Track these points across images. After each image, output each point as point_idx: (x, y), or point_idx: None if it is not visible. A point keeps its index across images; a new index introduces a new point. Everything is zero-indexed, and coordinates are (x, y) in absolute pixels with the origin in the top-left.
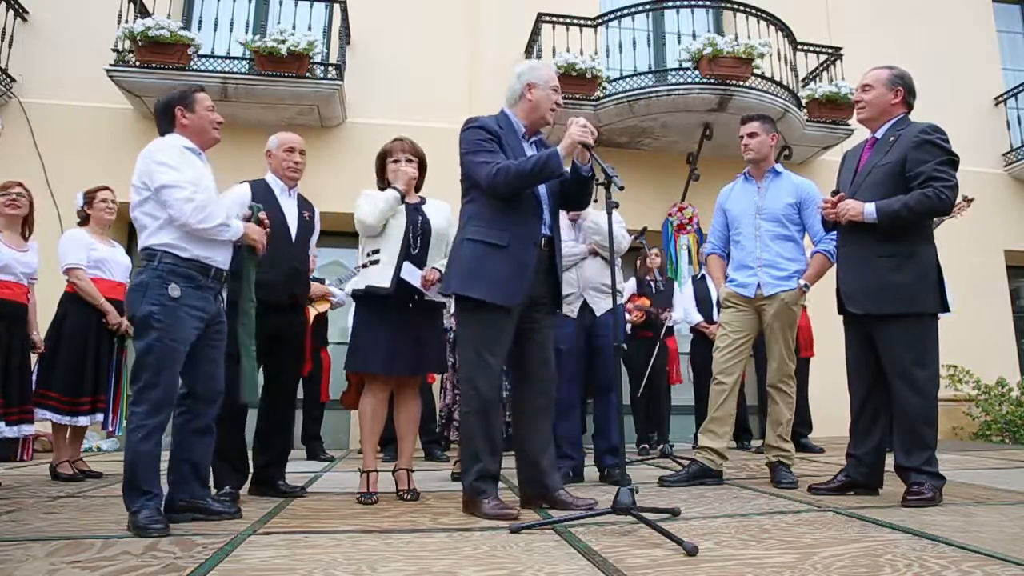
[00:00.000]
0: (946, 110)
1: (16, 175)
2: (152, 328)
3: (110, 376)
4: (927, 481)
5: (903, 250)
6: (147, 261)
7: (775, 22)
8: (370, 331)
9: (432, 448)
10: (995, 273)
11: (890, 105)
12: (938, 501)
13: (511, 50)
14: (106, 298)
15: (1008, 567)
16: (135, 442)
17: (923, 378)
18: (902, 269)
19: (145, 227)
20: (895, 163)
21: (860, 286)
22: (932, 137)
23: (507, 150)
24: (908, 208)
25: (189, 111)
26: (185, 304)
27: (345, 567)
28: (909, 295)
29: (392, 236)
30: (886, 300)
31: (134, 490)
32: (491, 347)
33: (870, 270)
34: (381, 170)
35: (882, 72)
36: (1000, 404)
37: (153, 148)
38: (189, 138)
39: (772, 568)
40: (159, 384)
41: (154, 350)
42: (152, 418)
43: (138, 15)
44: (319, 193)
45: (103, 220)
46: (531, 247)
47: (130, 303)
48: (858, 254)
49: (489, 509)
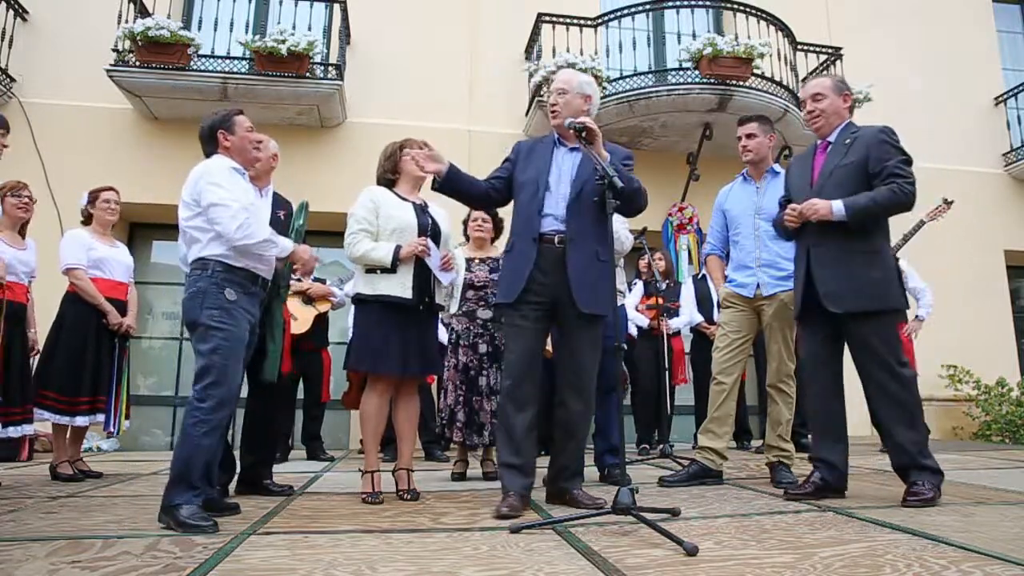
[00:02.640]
0: (946, 110)
1: (16, 175)
2: (216, 330)
3: (111, 376)
4: (926, 480)
5: (874, 247)
6: (201, 271)
7: (775, 22)
8: (380, 332)
9: (432, 448)
10: (995, 273)
11: (841, 109)
12: (938, 500)
13: (511, 50)
14: (107, 298)
15: (1008, 567)
16: (197, 436)
17: (905, 370)
18: (875, 266)
19: (197, 240)
20: (858, 162)
21: (839, 284)
22: (890, 138)
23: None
24: (875, 202)
25: (230, 133)
26: (239, 306)
27: (345, 567)
28: (883, 292)
29: (403, 239)
30: (864, 297)
31: (182, 484)
32: (510, 344)
33: (848, 268)
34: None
35: (826, 80)
36: (1000, 404)
37: (204, 169)
38: (233, 158)
39: (772, 568)
40: (225, 382)
41: (220, 350)
42: (216, 413)
43: (138, 15)
44: (319, 193)
45: (104, 220)
46: (530, 243)
47: (189, 310)
48: (834, 252)
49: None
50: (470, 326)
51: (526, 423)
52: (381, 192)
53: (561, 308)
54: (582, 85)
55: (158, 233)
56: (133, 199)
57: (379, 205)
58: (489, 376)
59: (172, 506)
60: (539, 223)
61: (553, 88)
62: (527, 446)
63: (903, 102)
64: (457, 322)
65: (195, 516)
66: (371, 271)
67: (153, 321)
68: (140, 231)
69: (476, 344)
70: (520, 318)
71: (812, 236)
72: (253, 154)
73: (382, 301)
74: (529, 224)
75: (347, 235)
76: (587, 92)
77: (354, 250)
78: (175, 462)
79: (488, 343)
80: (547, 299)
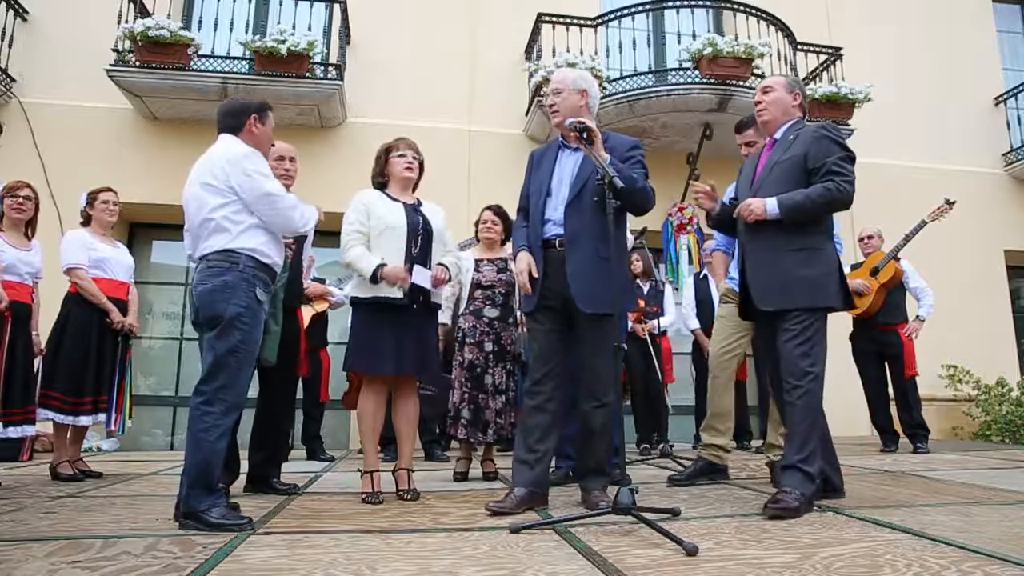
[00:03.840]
0: (946, 110)
1: (16, 175)
2: (237, 330)
3: (113, 376)
4: (796, 489)
5: (810, 244)
6: (229, 264)
7: (775, 22)
8: (375, 332)
9: (432, 448)
10: (995, 273)
11: (790, 107)
12: (802, 512)
13: (511, 50)
14: (108, 298)
15: (1008, 567)
16: (211, 441)
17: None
18: (810, 263)
19: (225, 230)
20: (797, 157)
21: (770, 282)
22: (831, 134)
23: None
24: (810, 200)
25: (262, 123)
26: (263, 308)
27: (345, 567)
28: (816, 289)
29: (393, 239)
30: (795, 294)
31: (204, 489)
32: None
33: (779, 266)
34: (383, 164)
35: (780, 78)
36: (1000, 404)
37: (237, 155)
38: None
39: (772, 568)
40: (237, 385)
41: (236, 352)
42: (227, 418)
43: (138, 15)
44: (319, 193)
45: (104, 221)
46: (538, 251)
47: (213, 303)
48: (767, 251)
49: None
50: (476, 324)
51: (542, 422)
52: (371, 194)
53: (571, 310)
54: (577, 81)
55: (158, 233)
56: (133, 199)
57: (369, 207)
58: (495, 375)
59: (199, 512)
60: (542, 230)
61: (549, 89)
62: (542, 444)
63: (903, 102)
64: (464, 320)
65: (227, 516)
66: None
67: (153, 321)
68: (140, 231)
69: (482, 342)
70: (537, 323)
71: (746, 234)
72: (268, 150)
73: (376, 302)
74: (535, 232)
75: (342, 238)
76: (582, 87)
77: (345, 254)
78: (191, 468)
79: (494, 342)
80: (557, 303)
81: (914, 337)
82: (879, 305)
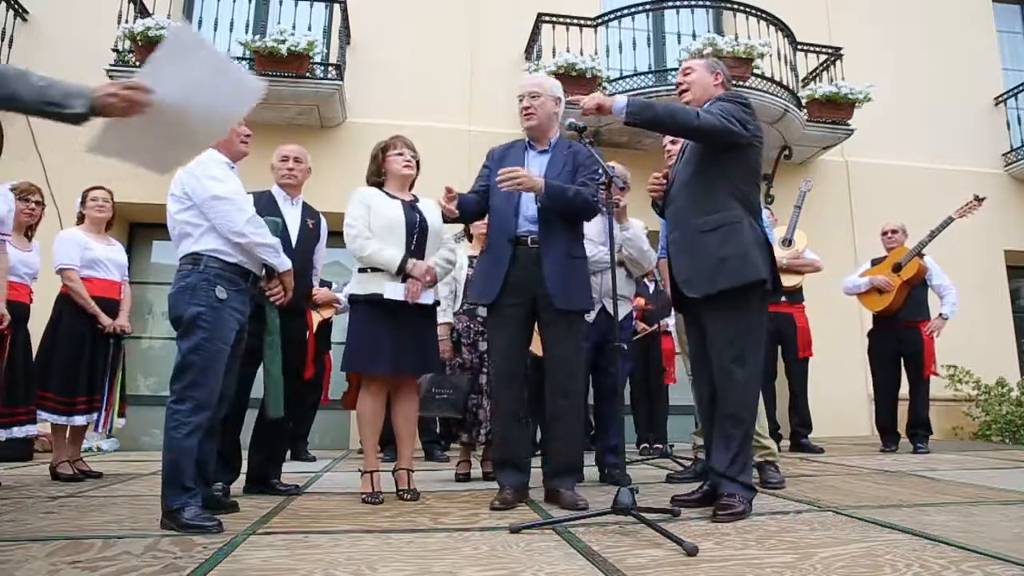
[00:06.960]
0: (946, 110)
1: (16, 175)
2: (199, 328)
3: (105, 376)
4: (738, 492)
5: (725, 220)
6: (192, 265)
7: (775, 22)
8: (372, 332)
9: (432, 448)
10: (995, 273)
11: (711, 86)
12: (748, 514)
13: (511, 50)
14: (102, 297)
15: (1008, 567)
16: (179, 439)
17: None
18: (726, 242)
19: (188, 234)
20: None
21: (693, 268)
22: (731, 100)
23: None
24: (668, 111)
25: None
26: (229, 306)
27: (345, 567)
28: (737, 266)
29: (392, 236)
30: (718, 276)
31: (176, 487)
32: (493, 343)
33: (698, 249)
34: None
35: (700, 59)
36: (1000, 404)
37: (195, 161)
38: (221, 152)
39: (772, 568)
40: (204, 383)
41: (200, 350)
42: (196, 416)
43: (138, 15)
44: (319, 193)
45: (95, 218)
46: (506, 244)
47: (175, 305)
48: (687, 236)
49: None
50: (471, 324)
51: (514, 420)
52: (368, 191)
53: (540, 307)
54: (554, 88)
55: (158, 233)
56: (133, 199)
57: (369, 203)
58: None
59: (172, 511)
60: (515, 224)
61: (525, 92)
62: (517, 443)
63: (903, 102)
64: (458, 320)
65: (198, 517)
66: (363, 271)
67: (153, 321)
68: (140, 231)
69: (476, 342)
70: (500, 318)
71: (669, 223)
72: (241, 148)
73: (373, 301)
74: (504, 226)
75: (351, 237)
76: (558, 95)
77: (362, 251)
78: (163, 467)
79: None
80: (525, 298)
81: (936, 335)
82: (901, 302)
